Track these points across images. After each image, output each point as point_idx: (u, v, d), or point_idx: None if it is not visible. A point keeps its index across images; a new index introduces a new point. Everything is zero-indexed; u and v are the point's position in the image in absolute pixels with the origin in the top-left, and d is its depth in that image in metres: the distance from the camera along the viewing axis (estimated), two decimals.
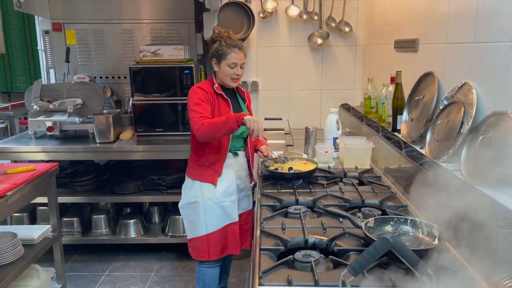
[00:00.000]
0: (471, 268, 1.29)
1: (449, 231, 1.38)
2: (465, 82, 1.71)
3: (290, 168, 2.21)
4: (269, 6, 3.38)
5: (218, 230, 2.34)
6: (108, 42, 3.77)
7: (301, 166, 2.27)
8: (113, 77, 3.84)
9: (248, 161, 2.44)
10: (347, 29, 3.40)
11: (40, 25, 3.88)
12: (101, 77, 3.82)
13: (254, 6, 3.34)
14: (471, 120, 1.59)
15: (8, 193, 2.07)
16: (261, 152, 2.43)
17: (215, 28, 2.35)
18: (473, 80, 1.67)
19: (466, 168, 1.52)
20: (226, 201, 2.32)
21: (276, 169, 2.24)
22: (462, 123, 1.62)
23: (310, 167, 2.24)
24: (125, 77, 3.76)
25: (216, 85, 2.29)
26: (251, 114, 2.37)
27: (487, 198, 1.29)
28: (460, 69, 1.78)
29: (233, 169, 2.35)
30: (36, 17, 3.93)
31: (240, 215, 2.42)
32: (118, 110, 3.58)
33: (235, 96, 2.41)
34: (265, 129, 3.28)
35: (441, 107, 1.84)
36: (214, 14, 3.23)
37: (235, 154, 2.36)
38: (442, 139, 1.74)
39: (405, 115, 2.16)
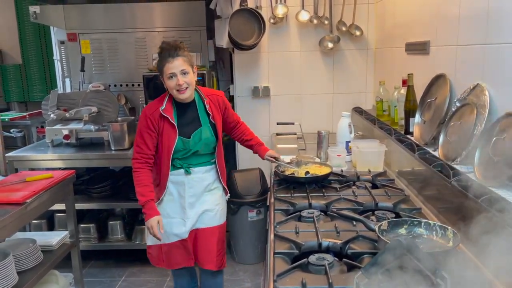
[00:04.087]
0: (486, 270, 1.29)
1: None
2: (477, 84, 1.70)
3: (307, 172, 2.22)
4: (280, 11, 3.40)
5: (168, 244, 2.27)
6: (122, 50, 3.84)
7: (317, 169, 2.28)
8: (127, 85, 3.91)
9: (218, 175, 2.34)
10: (358, 33, 3.40)
11: (56, 35, 3.98)
12: (115, 85, 3.89)
13: (265, 12, 3.37)
14: (484, 122, 1.59)
15: (28, 200, 2.12)
16: (271, 157, 2.38)
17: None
18: (485, 81, 1.67)
19: (479, 169, 1.51)
20: (175, 218, 2.25)
21: (293, 173, 2.26)
22: (475, 124, 1.61)
23: (325, 170, 2.25)
24: (138, 85, 3.82)
25: (164, 106, 2.14)
26: (219, 124, 2.25)
27: (501, 199, 1.29)
28: (472, 70, 1.77)
29: (184, 186, 2.23)
30: (51, 27, 4.03)
31: (202, 230, 2.29)
32: (132, 117, 3.64)
33: (195, 109, 2.22)
34: (277, 134, 3.30)
35: (453, 109, 1.83)
36: (226, 21, 3.26)
37: (187, 171, 2.23)
38: (455, 141, 1.73)
39: (417, 118, 2.16)
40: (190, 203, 2.26)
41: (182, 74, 2.08)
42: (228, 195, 2.44)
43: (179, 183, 2.24)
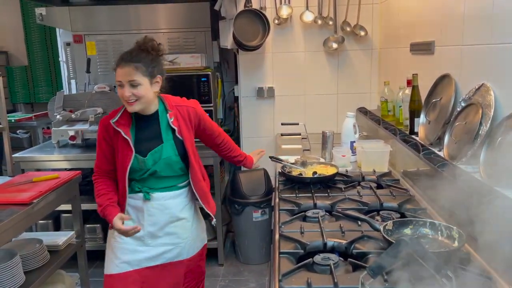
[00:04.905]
0: (491, 270, 1.29)
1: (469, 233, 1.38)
2: (482, 84, 1.70)
3: (315, 173, 2.23)
4: (284, 12, 3.41)
5: (111, 276, 1.93)
6: None
7: (323, 169, 2.29)
8: None
9: (191, 201, 2.03)
10: (362, 33, 3.40)
11: (62, 37, 4.00)
12: None
13: (269, 13, 3.38)
14: (489, 122, 1.58)
15: (34, 201, 2.13)
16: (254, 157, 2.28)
17: None
18: (490, 81, 1.66)
19: (485, 169, 1.51)
20: (130, 244, 1.92)
21: (300, 174, 2.26)
22: (480, 124, 1.61)
23: (332, 170, 2.25)
24: None
25: (116, 118, 1.86)
26: (188, 142, 1.92)
27: (506, 200, 1.28)
28: (477, 70, 1.77)
29: (142, 213, 1.92)
30: (57, 29, 4.06)
31: (166, 265, 1.99)
32: None
33: (157, 123, 1.90)
34: (282, 134, 3.31)
35: (458, 109, 1.83)
36: (230, 21, 3.27)
37: (146, 197, 1.91)
38: (460, 141, 1.73)
39: (422, 118, 2.15)
40: (150, 232, 1.94)
41: (130, 86, 1.78)
42: (214, 220, 2.12)
43: (138, 208, 1.93)
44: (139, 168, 1.88)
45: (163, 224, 1.95)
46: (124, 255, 1.93)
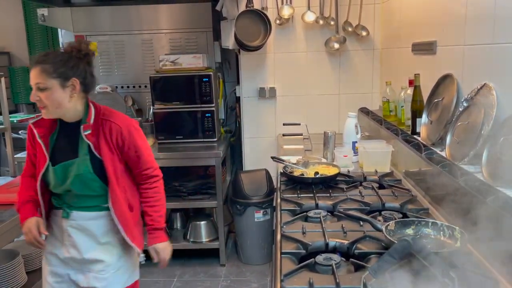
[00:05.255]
0: (494, 270, 1.28)
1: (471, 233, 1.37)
2: (484, 84, 1.70)
3: (316, 173, 2.22)
4: (286, 12, 3.40)
5: None
6: (129, 52, 3.86)
7: (324, 170, 2.29)
8: (134, 87, 3.93)
9: (116, 227, 1.76)
10: (364, 33, 3.40)
11: (63, 37, 4.01)
12: (122, 87, 3.92)
13: (271, 13, 3.38)
14: (491, 122, 1.58)
15: None
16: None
17: None
18: (492, 81, 1.66)
19: (487, 169, 1.51)
20: (58, 265, 1.79)
21: (302, 174, 2.26)
22: (483, 124, 1.61)
23: (333, 170, 2.25)
24: (145, 86, 3.84)
25: (37, 119, 1.73)
26: (108, 160, 1.69)
27: (508, 199, 1.28)
28: (479, 70, 1.77)
29: (62, 233, 1.75)
30: (59, 30, 4.06)
31: None
32: (139, 118, 3.66)
33: (78, 133, 1.70)
34: (283, 135, 3.31)
35: (460, 109, 1.83)
36: (232, 22, 3.27)
37: (64, 215, 1.74)
38: (462, 141, 1.73)
39: (424, 118, 2.15)
40: (73, 256, 1.76)
41: (38, 89, 1.61)
42: (142, 256, 1.94)
43: (59, 227, 1.76)
44: (53, 180, 1.71)
45: (85, 247, 1.74)
46: (52, 278, 1.81)
